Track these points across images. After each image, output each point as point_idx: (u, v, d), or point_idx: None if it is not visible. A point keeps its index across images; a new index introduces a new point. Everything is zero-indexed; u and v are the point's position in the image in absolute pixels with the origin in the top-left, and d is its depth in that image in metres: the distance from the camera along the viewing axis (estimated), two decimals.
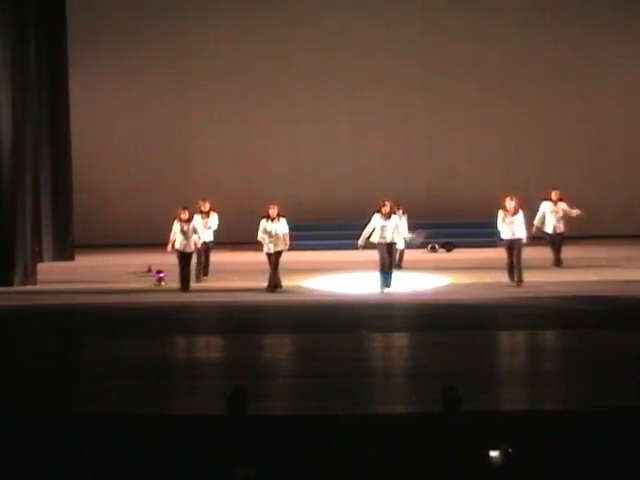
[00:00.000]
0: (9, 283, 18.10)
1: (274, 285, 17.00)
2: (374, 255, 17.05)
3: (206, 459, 7.35)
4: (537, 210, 19.32)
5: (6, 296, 17.05)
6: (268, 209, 17.15)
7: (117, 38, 25.22)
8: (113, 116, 25.46)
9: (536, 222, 18.94)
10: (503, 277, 17.28)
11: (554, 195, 19.20)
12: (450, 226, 24.00)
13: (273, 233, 16.96)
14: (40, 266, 19.45)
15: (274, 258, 16.97)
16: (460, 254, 22.31)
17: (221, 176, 24.98)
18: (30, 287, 18.19)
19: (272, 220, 17.01)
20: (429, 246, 22.92)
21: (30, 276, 18.50)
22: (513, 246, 16.93)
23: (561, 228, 19.19)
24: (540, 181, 23.37)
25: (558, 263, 19.03)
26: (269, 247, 16.99)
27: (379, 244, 16.90)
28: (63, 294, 17.18)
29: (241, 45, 25.30)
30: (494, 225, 17.54)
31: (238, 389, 8.18)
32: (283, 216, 17.15)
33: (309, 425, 7.89)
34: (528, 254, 17.48)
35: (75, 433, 7.75)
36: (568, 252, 19.56)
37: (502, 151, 25.21)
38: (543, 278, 17.60)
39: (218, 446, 7.46)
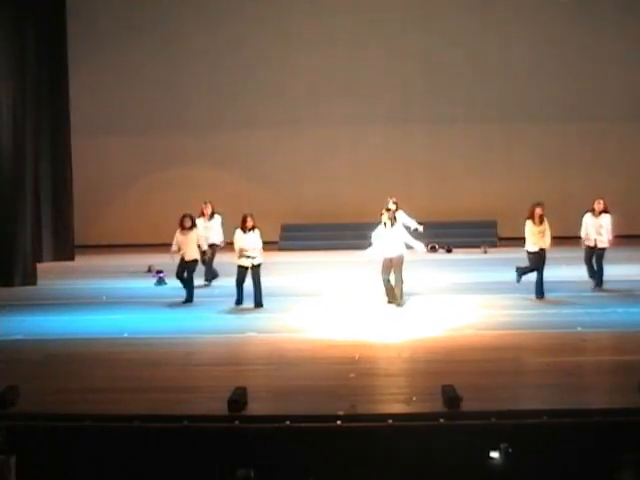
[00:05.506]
0: (9, 283, 18.11)
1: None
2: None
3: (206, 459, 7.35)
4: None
5: (6, 296, 17.03)
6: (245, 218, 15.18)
7: (117, 37, 25.21)
8: (113, 116, 25.44)
9: (582, 235, 16.67)
10: (502, 278, 17.24)
11: (596, 205, 16.72)
12: (450, 226, 23.99)
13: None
14: (40, 266, 19.43)
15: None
16: (460, 254, 22.28)
17: (221, 176, 24.97)
18: (30, 287, 18.19)
19: (247, 231, 15.06)
20: (429, 246, 22.91)
21: (30, 276, 18.50)
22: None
23: (603, 242, 16.51)
24: (540, 180, 23.34)
25: (600, 283, 16.43)
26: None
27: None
28: (63, 294, 17.16)
29: (240, 44, 25.27)
30: (492, 225, 17.15)
31: (238, 389, 8.15)
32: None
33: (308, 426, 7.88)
34: None
35: (71, 433, 7.75)
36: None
37: (502, 150, 25.19)
38: None
39: (218, 446, 7.46)
